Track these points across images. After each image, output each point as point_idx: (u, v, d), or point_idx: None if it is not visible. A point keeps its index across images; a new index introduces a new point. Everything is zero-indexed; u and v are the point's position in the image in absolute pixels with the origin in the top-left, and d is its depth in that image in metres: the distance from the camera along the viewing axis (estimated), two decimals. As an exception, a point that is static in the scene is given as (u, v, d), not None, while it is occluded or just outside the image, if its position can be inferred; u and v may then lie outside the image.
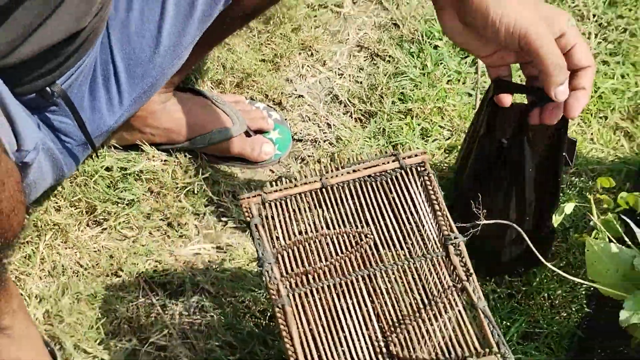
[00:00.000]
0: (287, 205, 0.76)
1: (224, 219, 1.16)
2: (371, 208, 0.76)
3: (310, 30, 1.36)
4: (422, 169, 0.78)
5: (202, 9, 1.00)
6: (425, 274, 0.72)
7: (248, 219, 0.75)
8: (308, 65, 1.34)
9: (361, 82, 1.29)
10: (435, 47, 1.31)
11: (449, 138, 1.21)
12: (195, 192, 1.16)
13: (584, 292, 1.05)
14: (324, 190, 0.77)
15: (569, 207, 0.84)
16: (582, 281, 0.77)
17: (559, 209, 0.85)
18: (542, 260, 0.79)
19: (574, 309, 1.04)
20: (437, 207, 0.75)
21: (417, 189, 0.77)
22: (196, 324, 1.07)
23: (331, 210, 0.76)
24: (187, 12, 1.00)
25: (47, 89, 0.93)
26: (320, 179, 0.77)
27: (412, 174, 0.78)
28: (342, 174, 0.77)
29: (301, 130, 1.24)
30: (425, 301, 0.70)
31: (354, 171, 0.77)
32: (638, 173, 1.15)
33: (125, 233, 1.13)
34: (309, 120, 1.26)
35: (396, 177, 0.77)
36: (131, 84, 1.03)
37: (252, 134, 1.19)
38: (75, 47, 0.91)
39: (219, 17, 1.03)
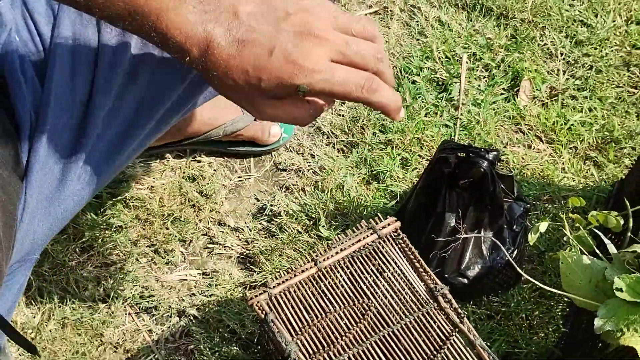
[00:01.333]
0: (291, 294, 0.84)
1: (210, 245, 1.18)
2: (364, 279, 0.85)
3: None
4: (396, 234, 0.88)
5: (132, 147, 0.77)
6: (426, 326, 0.81)
7: (262, 316, 0.82)
8: (291, 99, 1.38)
9: (343, 115, 1.33)
10: (414, 81, 1.37)
11: (428, 167, 1.26)
12: (182, 219, 1.19)
13: (560, 313, 1.09)
14: (320, 273, 0.85)
15: (543, 226, 0.88)
16: (558, 291, 0.80)
17: (533, 228, 0.90)
18: (524, 275, 0.83)
19: (551, 329, 1.08)
20: (417, 264, 0.86)
21: (397, 252, 0.87)
22: (182, 349, 1.08)
23: (331, 289, 0.85)
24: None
25: None
26: (315, 264, 0.85)
27: (390, 241, 0.88)
28: (332, 255, 0.86)
29: (285, 160, 1.28)
30: (433, 350, 0.80)
31: (342, 250, 0.86)
32: (607, 200, 1.20)
33: (112, 259, 1.14)
34: (293, 150, 1.30)
35: (377, 247, 0.87)
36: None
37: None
38: None
39: None
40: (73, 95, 0.68)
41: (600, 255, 0.80)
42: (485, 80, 1.38)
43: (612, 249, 0.76)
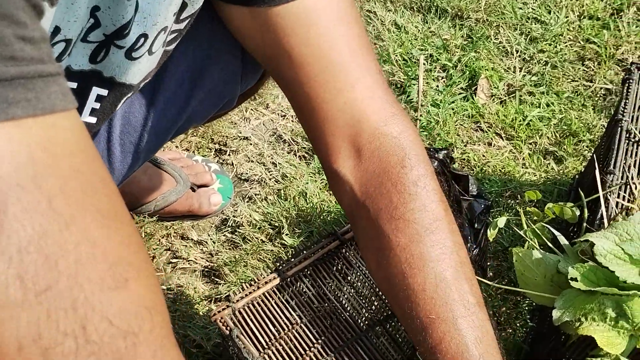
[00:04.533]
0: (255, 307, 0.82)
1: (173, 260, 1.17)
2: (328, 285, 0.84)
3: (252, 75, 1.41)
4: None
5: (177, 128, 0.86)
6: (396, 329, 0.80)
7: (227, 332, 0.80)
8: (251, 109, 1.38)
9: (303, 122, 1.33)
10: (372, 85, 1.37)
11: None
12: (143, 235, 1.17)
13: (526, 308, 1.09)
14: (284, 283, 0.83)
15: (501, 221, 0.88)
16: (516, 289, 0.80)
17: (492, 224, 0.90)
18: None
19: (518, 325, 1.08)
20: None
21: (358, 257, 0.85)
22: (148, 367, 1.06)
23: (296, 298, 0.83)
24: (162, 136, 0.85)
25: None
26: (279, 275, 0.83)
27: (353, 245, 0.86)
28: (295, 264, 0.84)
29: (247, 170, 1.27)
30: (405, 354, 0.78)
31: (305, 258, 0.85)
32: (568, 193, 1.21)
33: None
34: (254, 160, 1.29)
35: (340, 253, 0.86)
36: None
37: (196, 189, 1.20)
38: None
39: None
40: None
41: (554, 248, 0.80)
42: (443, 81, 1.39)
43: (562, 240, 0.76)
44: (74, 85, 0.62)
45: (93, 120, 0.67)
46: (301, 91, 0.66)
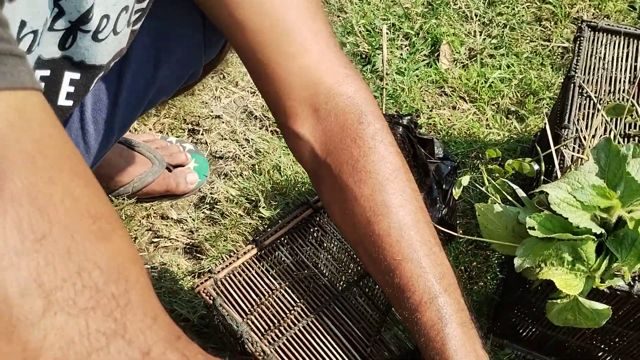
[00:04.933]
0: (236, 277, 0.86)
1: (155, 240, 1.20)
2: (305, 252, 0.88)
3: (219, 54, 1.43)
4: None
5: (150, 99, 0.89)
6: (371, 288, 0.84)
7: (210, 301, 0.84)
8: (221, 88, 1.40)
9: (273, 97, 1.36)
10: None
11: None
12: (124, 217, 1.20)
13: (496, 261, 1.15)
14: (262, 253, 0.87)
15: (465, 180, 0.93)
16: (485, 240, 0.85)
17: (457, 183, 0.94)
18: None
19: (489, 277, 1.14)
20: None
21: (332, 223, 0.89)
22: (138, 343, 1.10)
23: (274, 266, 0.87)
24: (135, 106, 0.87)
25: None
26: (256, 245, 0.87)
27: (325, 213, 0.90)
28: (271, 234, 0.88)
29: (221, 148, 1.30)
30: (381, 312, 0.83)
31: (281, 228, 0.89)
32: (530, 149, 1.27)
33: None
34: (228, 138, 1.32)
35: (314, 220, 0.90)
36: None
37: (172, 169, 1.23)
38: None
39: None
40: None
41: (513, 201, 0.85)
42: (407, 49, 1.43)
43: (521, 193, 0.81)
44: (47, 72, 0.64)
45: (69, 103, 0.70)
46: (257, 58, 0.69)
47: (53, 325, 0.38)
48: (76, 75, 0.68)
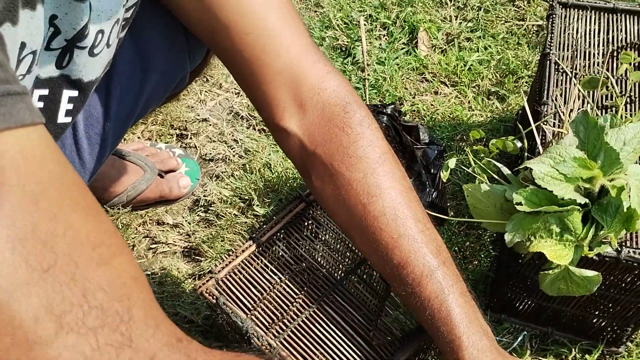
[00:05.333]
0: (237, 275, 0.88)
1: (153, 246, 1.22)
2: (301, 245, 0.90)
3: (201, 58, 1.45)
4: None
5: (140, 110, 0.90)
6: (370, 275, 0.86)
7: (214, 301, 0.86)
8: (206, 91, 1.42)
9: (257, 96, 1.37)
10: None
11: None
12: (120, 226, 1.21)
13: (488, 239, 1.18)
14: (260, 249, 0.89)
15: (451, 162, 0.95)
16: (475, 220, 0.88)
17: (444, 166, 0.97)
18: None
19: (483, 256, 1.16)
20: None
21: (325, 215, 0.92)
22: (146, 348, 1.11)
23: (273, 262, 0.89)
24: (125, 120, 0.88)
25: None
26: (254, 242, 0.89)
27: (318, 205, 0.92)
28: (268, 230, 0.90)
29: (210, 150, 1.32)
30: (381, 297, 0.85)
31: (276, 223, 0.91)
32: (513, 128, 1.29)
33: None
34: (216, 140, 1.34)
35: (308, 214, 0.92)
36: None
37: (164, 175, 1.24)
38: None
39: None
40: None
41: (500, 180, 0.87)
42: (385, 39, 1.45)
43: (505, 170, 0.84)
44: (46, 92, 0.66)
45: (69, 120, 0.72)
46: (241, 59, 0.72)
47: (66, 345, 0.42)
48: (74, 93, 0.69)
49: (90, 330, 0.43)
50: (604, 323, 0.99)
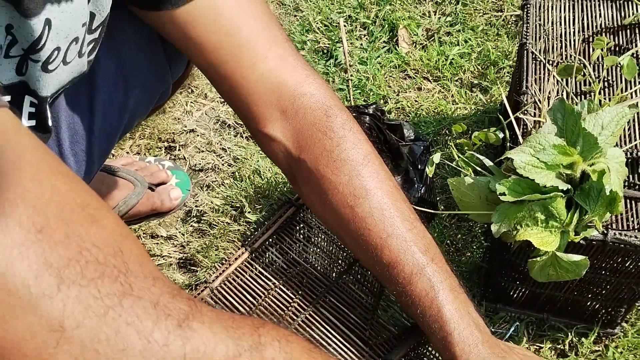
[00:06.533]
0: (231, 283, 0.89)
1: (148, 259, 1.22)
2: (294, 250, 0.90)
3: (184, 70, 1.45)
4: None
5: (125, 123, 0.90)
6: (363, 275, 0.87)
7: None
8: (191, 102, 1.43)
9: (243, 104, 1.38)
10: (300, 56, 1.43)
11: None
12: (115, 242, 1.22)
13: (479, 230, 1.19)
14: (253, 256, 0.90)
15: (436, 157, 0.96)
16: (462, 212, 0.89)
17: (429, 161, 0.98)
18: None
19: (475, 247, 1.17)
20: None
21: (315, 218, 0.92)
22: None
23: (267, 267, 0.90)
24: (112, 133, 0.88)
25: None
26: (246, 249, 0.90)
27: (307, 209, 0.92)
28: (259, 236, 0.91)
29: (199, 160, 1.33)
30: (375, 296, 0.86)
31: (268, 229, 0.91)
32: (497, 119, 1.30)
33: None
34: (205, 150, 1.34)
35: (298, 218, 0.92)
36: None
37: (154, 188, 1.25)
38: None
39: None
40: None
41: (483, 172, 0.88)
42: (366, 38, 1.46)
43: (488, 162, 0.85)
44: (8, 98, 0.67)
45: (32, 123, 0.72)
46: (220, 72, 0.72)
47: (69, 296, 0.43)
48: (35, 100, 0.71)
49: (90, 281, 0.44)
50: (597, 305, 1.00)
